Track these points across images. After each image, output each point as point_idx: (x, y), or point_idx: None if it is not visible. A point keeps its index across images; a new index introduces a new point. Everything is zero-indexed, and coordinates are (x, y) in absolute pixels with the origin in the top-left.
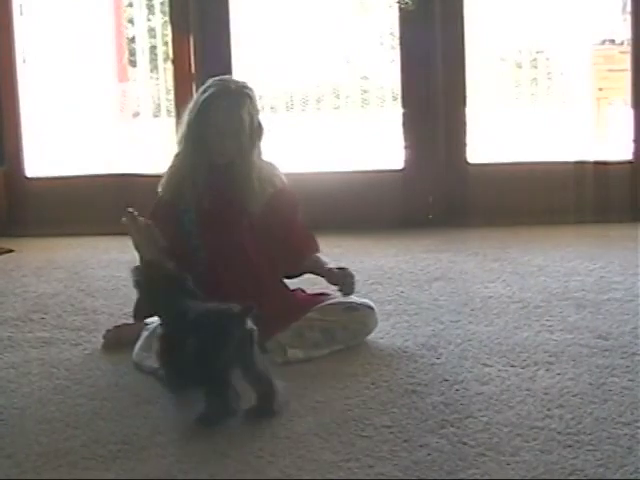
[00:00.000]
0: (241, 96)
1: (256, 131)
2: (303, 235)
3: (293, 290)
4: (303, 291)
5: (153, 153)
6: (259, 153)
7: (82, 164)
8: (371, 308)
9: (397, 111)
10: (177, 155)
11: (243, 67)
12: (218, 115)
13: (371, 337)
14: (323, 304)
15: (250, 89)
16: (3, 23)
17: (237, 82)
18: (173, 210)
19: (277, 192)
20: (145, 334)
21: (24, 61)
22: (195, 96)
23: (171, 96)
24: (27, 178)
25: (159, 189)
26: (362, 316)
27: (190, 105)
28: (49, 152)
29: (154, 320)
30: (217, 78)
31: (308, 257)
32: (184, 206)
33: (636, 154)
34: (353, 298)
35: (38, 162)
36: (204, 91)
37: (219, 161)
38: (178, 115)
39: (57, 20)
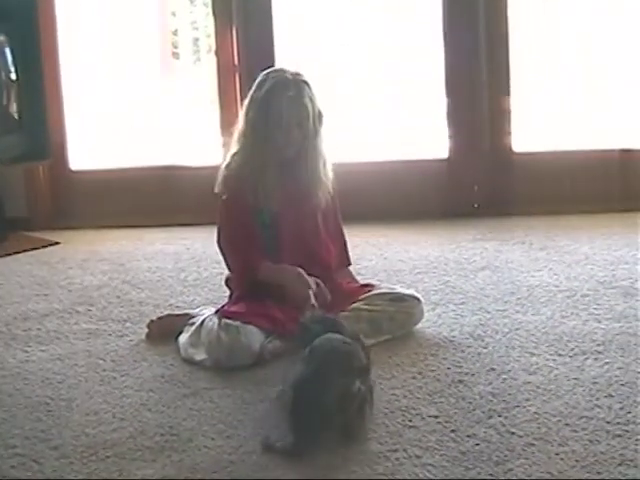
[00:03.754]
0: (300, 85)
1: (318, 118)
2: (341, 244)
3: (341, 280)
4: (350, 281)
5: (197, 145)
6: (322, 140)
7: (126, 157)
8: (417, 299)
9: (441, 100)
10: (235, 154)
11: (286, 58)
12: (282, 107)
13: (417, 327)
14: (369, 294)
15: (305, 77)
16: (47, 23)
17: (291, 72)
18: (242, 210)
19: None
20: (192, 328)
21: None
22: (251, 92)
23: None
24: (72, 171)
25: (217, 190)
26: (408, 307)
27: (248, 99)
28: (93, 145)
29: (200, 312)
30: (269, 70)
31: (339, 270)
32: (255, 206)
33: None
34: (399, 289)
35: (82, 155)
36: (260, 86)
37: (286, 154)
38: (222, 107)
39: (100, 14)
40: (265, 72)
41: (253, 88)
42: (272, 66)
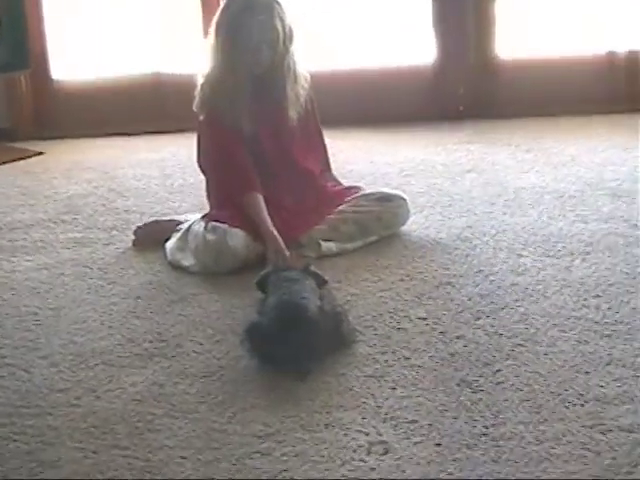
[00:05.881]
0: (270, 6)
1: (289, 36)
2: (322, 150)
3: (325, 184)
4: (335, 185)
5: (180, 52)
6: (293, 56)
7: (109, 65)
8: (403, 199)
9: (427, 5)
10: (209, 74)
11: None
12: (252, 29)
13: (404, 229)
14: (355, 196)
15: None
16: None
17: None
18: (222, 130)
19: (308, 95)
20: (178, 234)
21: None
22: (220, 11)
23: None
24: (54, 80)
25: (195, 109)
26: (395, 207)
27: (216, 20)
28: (75, 54)
29: (186, 218)
30: None
31: (323, 175)
32: (232, 123)
33: None
34: (385, 189)
35: (65, 65)
36: (229, 6)
37: (256, 71)
38: (204, 13)
39: None
40: None
41: (222, 6)
42: None
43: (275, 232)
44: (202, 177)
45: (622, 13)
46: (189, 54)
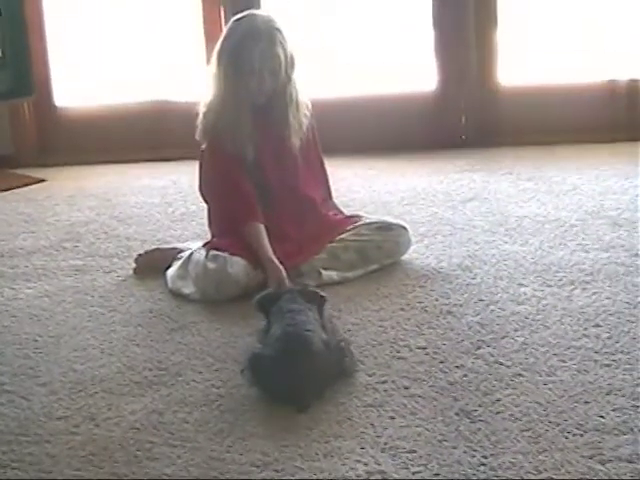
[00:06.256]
0: (272, 33)
1: (290, 63)
2: (324, 178)
3: (326, 212)
4: (336, 213)
5: (182, 80)
6: (295, 84)
7: (111, 92)
8: (404, 228)
9: (428, 32)
10: (210, 102)
11: None
12: (253, 60)
13: (405, 258)
14: (357, 224)
15: (277, 22)
16: None
17: (263, 18)
18: (225, 160)
19: (309, 123)
20: (179, 262)
21: None
22: (222, 40)
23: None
24: (57, 107)
25: (198, 138)
26: (396, 235)
27: (218, 48)
28: (78, 81)
29: (187, 246)
30: (240, 17)
31: (324, 203)
32: (235, 151)
33: None
34: (387, 218)
35: (68, 92)
36: (230, 35)
37: (258, 101)
38: (207, 41)
39: None
40: (236, 18)
41: (224, 35)
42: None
43: (276, 261)
44: (204, 205)
45: (623, 42)
46: (191, 82)
